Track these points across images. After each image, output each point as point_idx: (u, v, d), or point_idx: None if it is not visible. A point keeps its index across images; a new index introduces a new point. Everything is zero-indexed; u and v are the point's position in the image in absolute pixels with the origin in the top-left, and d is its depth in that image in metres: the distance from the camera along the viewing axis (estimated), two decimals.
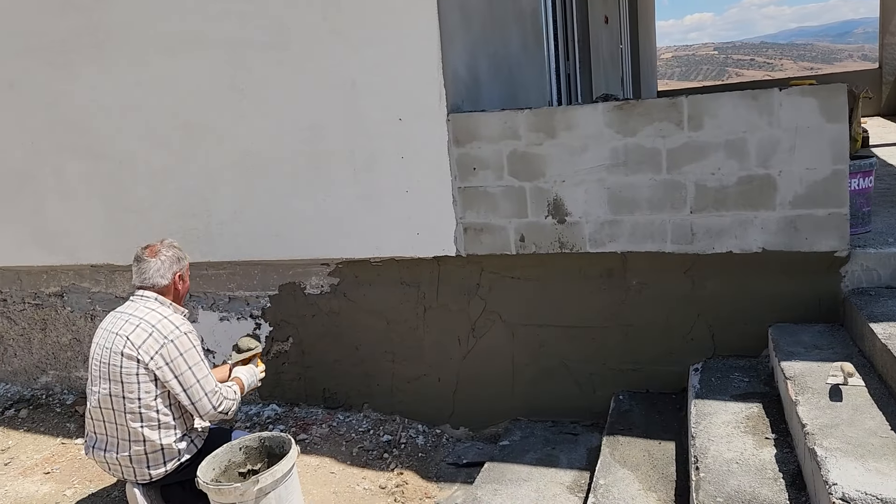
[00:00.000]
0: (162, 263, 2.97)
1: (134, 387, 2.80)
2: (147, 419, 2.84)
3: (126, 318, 2.89)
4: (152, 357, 2.79)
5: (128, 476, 2.91)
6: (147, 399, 2.82)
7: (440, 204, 3.48)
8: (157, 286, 2.96)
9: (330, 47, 3.49)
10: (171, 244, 3.05)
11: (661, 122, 3.12)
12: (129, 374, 2.79)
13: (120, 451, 2.86)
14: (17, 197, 4.31)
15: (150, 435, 2.84)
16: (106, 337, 2.89)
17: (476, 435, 3.74)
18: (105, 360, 2.84)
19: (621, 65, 8.81)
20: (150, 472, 2.89)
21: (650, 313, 3.35)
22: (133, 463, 2.87)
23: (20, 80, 4.13)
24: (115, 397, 2.82)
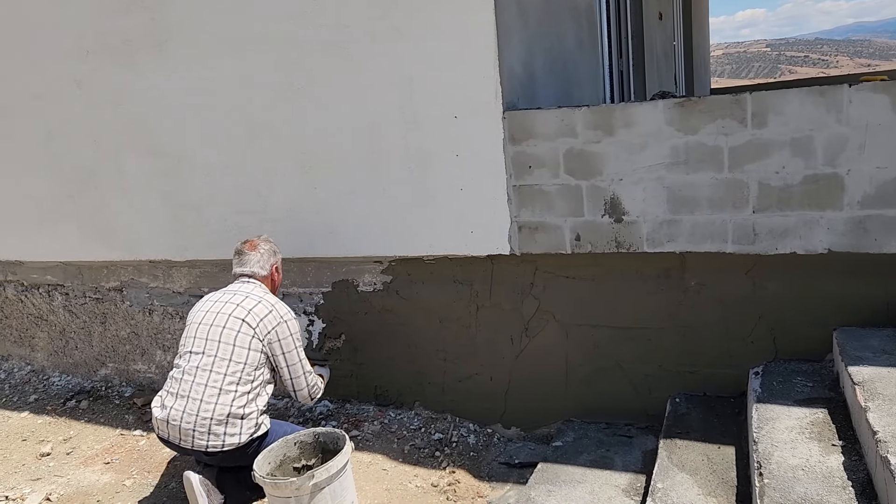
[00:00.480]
0: (261, 255, 3.35)
1: (244, 352, 3.04)
2: (244, 383, 3.03)
3: (245, 294, 3.19)
4: (269, 331, 3.11)
5: (198, 441, 2.99)
6: (251, 367, 3.05)
7: (495, 202, 3.46)
8: (256, 275, 3.32)
9: (388, 45, 3.50)
10: (266, 239, 3.45)
11: (724, 119, 3.04)
12: (243, 339, 3.06)
13: (202, 412, 2.97)
14: (81, 193, 4.43)
15: (240, 400, 3.02)
16: (222, 306, 3.15)
17: (528, 435, 3.72)
18: (220, 323, 3.08)
19: (674, 62, 8.67)
20: (224, 440, 2.99)
21: (709, 315, 3.28)
22: (213, 425, 2.97)
23: (87, 79, 4.24)
24: (221, 359, 3.03)
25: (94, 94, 4.23)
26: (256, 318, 3.12)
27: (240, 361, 3.05)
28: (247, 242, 3.42)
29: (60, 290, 4.76)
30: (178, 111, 4.02)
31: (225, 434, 3.00)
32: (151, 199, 4.23)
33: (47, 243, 4.67)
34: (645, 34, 6.67)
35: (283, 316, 3.18)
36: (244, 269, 3.34)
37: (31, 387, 4.81)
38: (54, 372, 4.91)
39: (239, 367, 3.04)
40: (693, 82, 9.55)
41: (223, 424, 2.99)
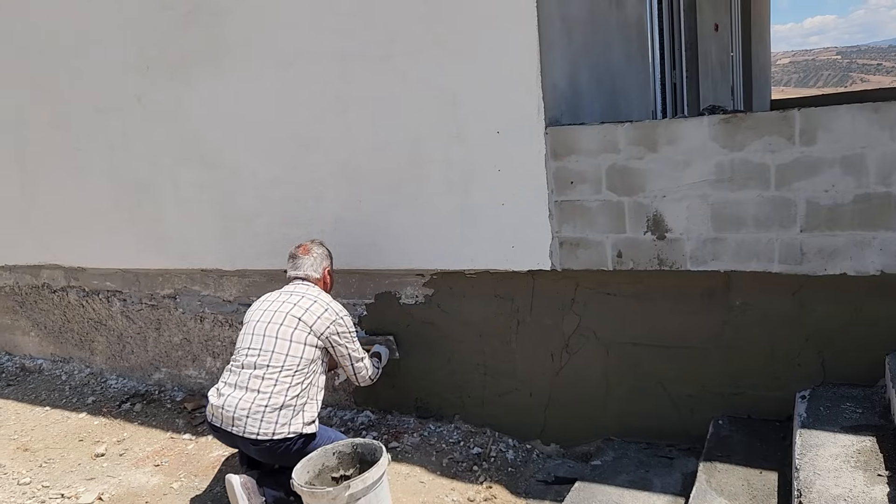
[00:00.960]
0: (314, 259, 3.51)
1: (300, 348, 3.21)
2: (298, 378, 3.18)
3: (301, 294, 3.38)
4: (327, 327, 3.28)
5: (249, 428, 3.10)
6: (306, 363, 3.21)
7: (536, 217, 3.46)
8: (310, 278, 3.48)
9: (432, 60, 3.54)
10: (319, 243, 3.61)
11: (771, 136, 2.98)
12: (299, 336, 3.23)
13: (257, 401, 3.12)
14: (139, 203, 4.60)
15: (294, 391, 3.17)
16: (279, 305, 3.34)
17: (567, 452, 3.69)
18: (277, 321, 3.27)
19: (731, 73, 8.48)
20: (275, 429, 3.11)
21: (754, 336, 3.20)
22: (266, 412, 3.11)
23: (146, 94, 4.40)
24: (278, 354, 3.19)
25: (152, 107, 4.39)
26: (313, 317, 3.27)
27: (296, 356, 3.20)
28: (300, 247, 3.56)
29: (119, 296, 4.94)
30: (230, 124, 4.14)
31: (276, 423, 3.10)
32: (204, 209, 4.36)
33: (107, 251, 4.86)
34: (699, 46, 6.56)
35: (339, 314, 3.35)
36: (298, 273, 3.48)
37: (90, 388, 5.00)
38: (111, 375, 5.09)
39: (294, 363, 3.19)
40: (752, 94, 9.33)
41: (275, 413, 3.11)
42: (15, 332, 5.55)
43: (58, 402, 4.86)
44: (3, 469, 3.99)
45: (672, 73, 6.26)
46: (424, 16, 3.49)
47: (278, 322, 3.26)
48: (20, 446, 4.27)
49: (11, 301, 5.47)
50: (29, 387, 5.13)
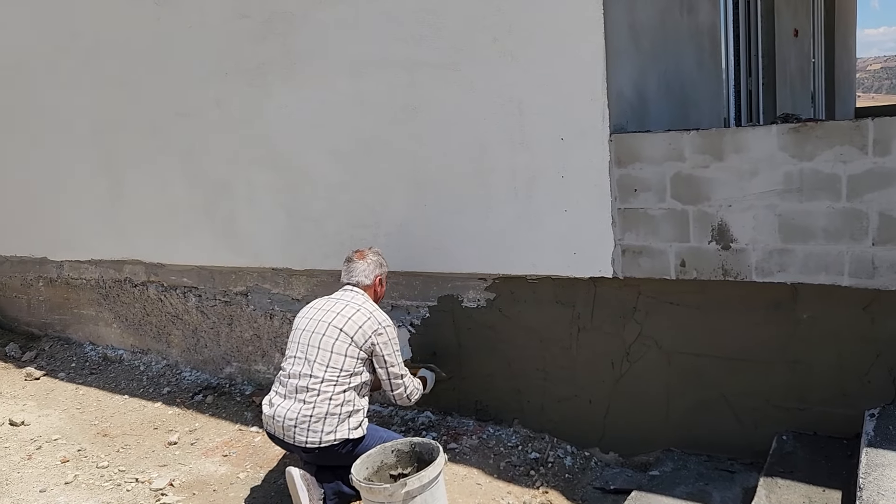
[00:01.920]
0: (367, 266, 3.55)
1: (340, 359, 3.27)
2: (340, 387, 3.25)
3: (345, 303, 3.42)
4: (368, 338, 3.31)
5: (298, 437, 3.23)
6: (347, 373, 3.27)
7: (599, 224, 3.46)
8: (360, 284, 3.53)
9: (498, 68, 3.58)
10: (376, 251, 3.67)
11: (843, 146, 2.90)
12: (340, 347, 3.28)
13: (303, 411, 3.22)
14: (216, 204, 4.80)
15: (337, 400, 3.24)
16: (323, 314, 3.40)
17: (626, 461, 3.66)
18: (320, 331, 3.33)
19: (812, 80, 8.23)
20: (321, 437, 3.21)
21: (821, 350, 3.12)
22: (311, 423, 3.21)
23: (225, 100, 4.60)
24: (319, 364, 3.27)
25: (230, 112, 4.58)
26: (355, 327, 3.32)
27: (337, 367, 3.27)
28: (356, 252, 3.63)
29: (194, 292, 5.16)
30: (303, 129, 4.29)
31: (322, 432, 3.21)
32: (276, 210, 4.52)
33: (185, 248, 5.08)
34: (777, 52, 6.40)
35: (382, 323, 3.37)
36: (349, 279, 3.55)
37: (165, 379, 5.24)
38: (186, 367, 5.32)
39: (336, 373, 3.26)
40: (834, 101, 9.02)
41: (321, 422, 3.21)
42: (99, 323, 5.86)
43: (136, 392, 5.11)
44: (83, 452, 4.23)
45: (748, 80, 6.13)
46: (491, 25, 3.54)
47: (321, 332, 3.33)
48: (100, 431, 4.51)
49: (96, 294, 5.78)
50: (110, 376, 5.41)
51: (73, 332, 6.09)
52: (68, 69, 5.36)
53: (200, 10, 4.57)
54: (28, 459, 4.18)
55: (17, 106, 5.80)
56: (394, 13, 3.82)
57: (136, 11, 4.87)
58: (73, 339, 6.09)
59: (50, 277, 6.10)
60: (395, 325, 4.15)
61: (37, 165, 5.80)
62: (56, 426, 4.62)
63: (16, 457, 4.22)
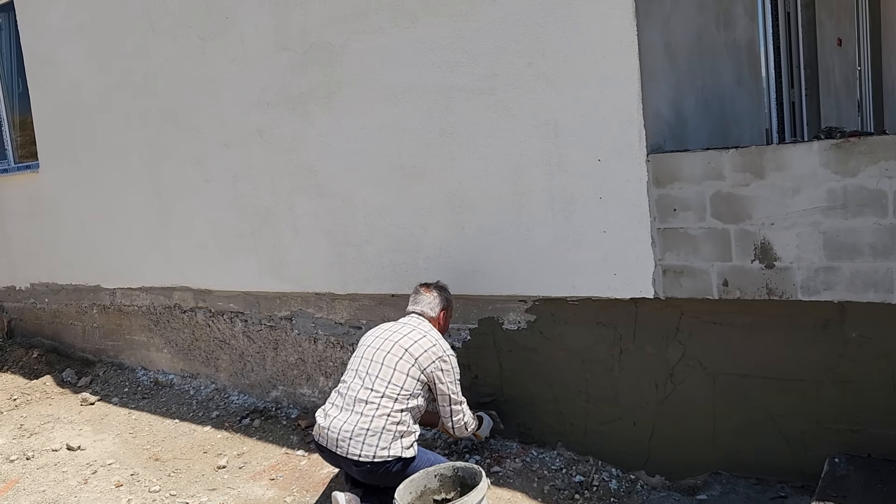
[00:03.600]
0: (433, 299, 3.69)
1: (402, 377, 3.36)
2: (399, 405, 3.32)
3: (412, 327, 3.55)
4: (432, 362, 3.41)
5: (352, 450, 3.27)
6: (407, 393, 3.35)
7: (638, 245, 3.44)
8: (425, 314, 3.65)
9: (533, 91, 3.61)
10: (442, 287, 3.79)
11: (888, 161, 2.84)
12: (403, 366, 3.38)
13: (360, 423, 3.29)
14: (260, 230, 4.91)
15: (394, 418, 3.32)
16: (391, 334, 3.52)
17: (673, 485, 3.60)
18: (386, 349, 3.45)
19: (859, 90, 8.04)
20: (375, 451, 3.26)
21: (873, 370, 3.04)
22: (367, 436, 3.27)
23: (267, 128, 4.71)
24: (382, 380, 3.36)
25: (272, 141, 4.70)
26: (420, 350, 3.41)
27: (398, 385, 3.34)
28: (424, 286, 3.75)
29: (241, 317, 5.27)
30: (342, 156, 4.37)
31: (377, 447, 3.25)
32: (318, 236, 4.60)
33: (231, 274, 5.20)
34: (820, 62, 6.28)
35: (446, 351, 3.48)
36: (415, 308, 3.67)
37: (214, 403, 5.34)
38: (233, 391, 5.42)
39: (396, 390, 3.33)
40: (882, 110, 8.78)
41: (377, 437, 3.26)
42: (150, 348, 6.01)
43: (186, 416, 5.23)
44: (136, 477, 4.33)
45: (790, 92, 6.02)
46: (525, 50, 3.57)
47: (386, 350, 3.43)
48: (152, 456, 4.62)
49: (147, 320, 5.94)
50: (161, 400, 5.54)
51: (126, 357, 6.26)
52: (120, 103, 5.56)
53: (243, 44, 4.70)
54: (84, 483, 4.30)
55: (75, 140, 6.03)
56: (429, 40, 3.88)
57: (182, 46, 5.04)
58: (126, 364, 6.26)
59: (103, 304, 6.30)
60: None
61: (91, 196, 6.02)
62: (110, 451, 4.75)
63: (73, 481, 4.35)
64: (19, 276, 7.09)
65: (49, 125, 6.29)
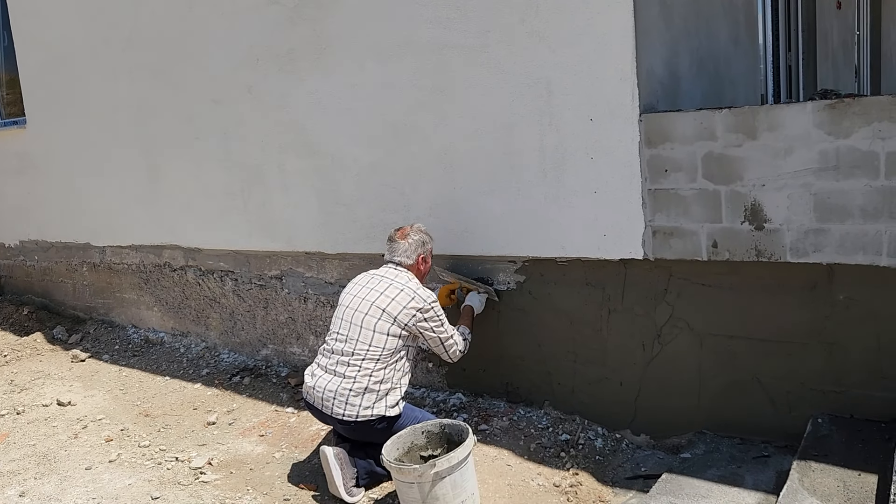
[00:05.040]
0: (409, 245, 3.57)
1: (382, 338, 3.35)
2: (380, 364, 3.34)
3: (389, 282, 3.47)
4: (412, 316, 3.37)
5: (336, 409, 3.33)
6: (388, 352, 3.36)
7: (628, 206, 3.42)
8: (403, 264, 3.56)
9: (526, 48, 3.56)
10: (418, 229, 3.66)
11: (881, 122, 2.82)
12: (382, 327, 3.35)
13: (343, 385, 3.32)
14: (249, 189, 4.87)
15: (377, 376, 3.33)
16: (367, 293, 3.46)
17: (657, 444, 3.64)
18: (363, 310, 3.41)
19: (857, 54, 7.97)
20: (359, 411, 3.31)
21: (859, 332, 3.05)
22: (350, 396, 3.31)
23: (257, 85, 4.65)
24: (362, 343, 3.36)
25: (262, 98, 4.63)
26: (398, 307, 3.37)
27: (378, 346, 3.34)
28: (399, 230, 3.65)
29: (231, 276, 5.26)
30: (333, 114, 4.31)
31: (360, 406, 3.29)
32: (308, 195, 4.57)
33: (221, 233, 5.17)
34: (818, 25, 6.21)
35: (426, 301, 3.42)
36: (392, 258, 3.60)
37: (205, 361, 5.36)
38: (224, 349, 5.43)
39: (377, 352, 3.34)
40: (880, 75, 8.73)
41: (359, 396, 3.30)
42: (140, 306, 6.01)
43: (176, 373, 5.24)
44: (126, 432, 4.36)
45: (787, 56, 5.97)
46: (518, 6, 3.51)
47: (364, 311, 3.40)
48: (142, 412, 4.64)
49: (137, 278, 5.93)
50: (151, 358, 5.56)
51: (116, 315, 6.26)
52: (108, 60, 5.47)
53: None
54: (74, 438, 4.33)
55: (62, 96, 5.94)
56: None
57: (170, 0, 4.94)
58: (117, 322, 6.26)
59: (93, 262, 6.27)
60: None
61: (80, 153, 5.96)
62: (100, 406, 4.77)
63: (63, 436, 4.37)
64: (8, 232, 7.06)
65: (36, 80, 6.19)
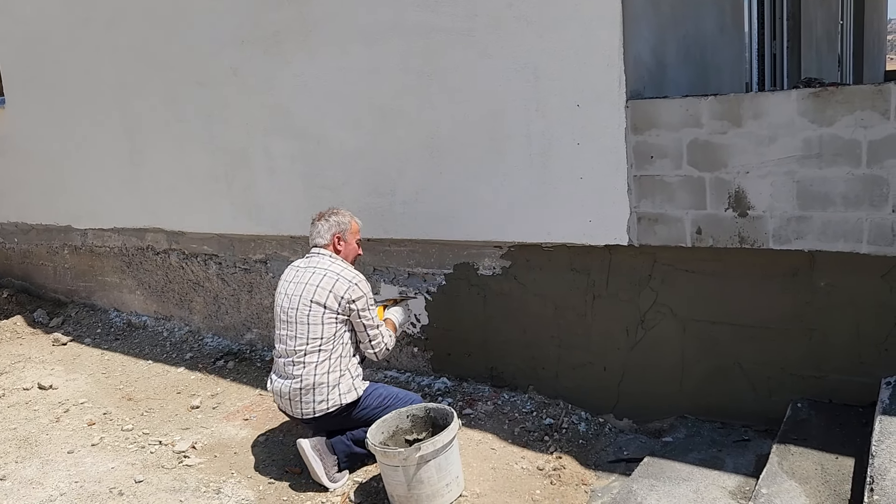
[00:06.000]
0: (323, 226, 3.54)
1: (318, 328, 3.33)
2: (322, 355, 3.32)
3: (312, 270, 3.43)
4: (341, 298, 3.33)
5: (295, 409, 3.36)
6: (326, 340, 3.33)
7: (614, 192, 3.44)
8: (320, 245, 3.53)
9: (513, 33, 3.54)
10: (336, 211, 3.62)
11: (864, 111, 2.85)
12: (315, 317, 3.33)
13: (293, 385, 3.34)
14: (234, 172, 4.83)
15: (321, 368, 3.32)
16: (294, 287, 3.43)
17: (640, 428, 3.68)
18: (294, 305, 3.38)
19: (840, 43, 8.03)
20: (314, 407, 3.33)
21: (838, 318, 3.10)
22: (302, 395, 3.32)
23: (242, 67, 4.60)
24: (299, 337, 3.34)
25: (246, 80, 4.59)
26: (324, 293, 3.33)
27: (317, 336, 3.33)
28: (317, 215, 3.60)
29: (215, 259, 5.23)
30: (319, 98, 4.28)
31: (314, 402, 3.32)
32: (293, 179, 4.54)
33: (205, 216, 5.14)
34: (803, 14, 6.25)
35: (352, 280, 3.37)
36: (314, 241, 3.56)
37: (188, 345, 5.33)
38: (208, 333, 5.41)
39: (317, 343, 3.33)
40: (863, 64, 8.81)
41: (311, 393, 3.32)
42: (122, 290, 5.96)
43: (159, 357, 5.22)
44: (109, 416, 4.34)
45: (772, 44, 6.01)
46: None
47: (295, 307, 3.37)
48: (125, 395, 4.62)
49: (119, 261, 5.88)
50: (134, 341, 5.52)
51: (98, 298, 6.21)
52: (90, 39, 5.39)
53: None
54: (56, 422, 4.30)
55: (42, 76, 5.85)
56: None
57: None
58: (99, 305, 6.21)
59: (75, 245, 6.21)
60: (413, 293, 4.19)
61: (61, 135, 5.87)
62: (83, 390, 4.74)
63: (44, 419, 4.34)
64: None
65: (15, 60, 6.08)
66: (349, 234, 3.59)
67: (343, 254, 3.56)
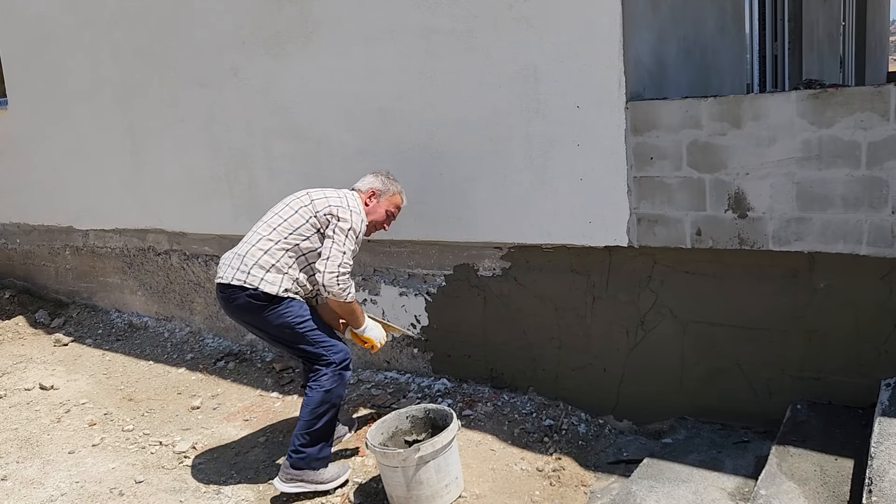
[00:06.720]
0: (369, 177, 3.59)
1: (292, 212, 3.36)
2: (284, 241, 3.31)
3: (334, 190, 3.49)
4: (327, 206, 3.33)
5: (228, 272, 3.32)
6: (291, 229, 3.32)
7: (614, 193, 3.44)
8: (355, 188, 3.56)
9: (514, 34, 3.55)
10: (393, 180, 3.63)
11: (864, 112, 2.85)
12: (295, 204, 3.38)
13: (245, 252, 3.33)
14: (235, 172, 4.84)
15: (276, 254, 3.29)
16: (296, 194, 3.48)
17: (640, 429, 3.68)
18: (286, 202, 3.45)
19: (842, 44, 8.03)
20: (247, 278, 3.26)
21: (838, 320, 3.10)
22: (246, 259, 3.30)
23: (243, 68, 4.61)
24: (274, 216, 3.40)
25: (247, 81, 4.60)
26: (321, 196, 3.38)
27: (283, 217, 3.36)
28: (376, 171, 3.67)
29: (215, 260, 5.23)
30: (319, 98, 4.29)
31: (249, 273, 3.26)
32: (294, 179, 4.53)
33: (206, 217, 5.14)
34: (804, 16, 6.24)
35: (352, 208, 3.34)
36: (355, 185, 3.60)
37: (189, 346, 5.34)
38: (208, 334, 5.42)
39: (286, 228, 3.32)
40: (864, 66, 8.79)
41: (241, 261, 3.30)
42: (124, 290, 5.97)
43: (160, 358, 5.23)
44: (110, 416, 4.35)
45: (773, 45, 6.01)
46: None
47: (286, 202, 3.45)
48: (126, 396, 4.63)
49: (121, 262, 5.89)
50: (135, 342, 5.53)
51: (100, 299, 6.22)
52: (92, 39, 5.40)
53: None
54: (57, 422, 4.31)
55: (44, 77, 5.86)
56: None
57: None
58: (100, 306, 6.22)
59: (76, 246, 6.22)
60: (413, 294, 4.19)
61: (62, 135, 5.89)
62: (84, 391, 4.75)
63: (46, 420, 4.35)
64: None
65: (17, 60, 6.10)
66: (385, 199, 3.56)
67: (369, 209, 3.51)
